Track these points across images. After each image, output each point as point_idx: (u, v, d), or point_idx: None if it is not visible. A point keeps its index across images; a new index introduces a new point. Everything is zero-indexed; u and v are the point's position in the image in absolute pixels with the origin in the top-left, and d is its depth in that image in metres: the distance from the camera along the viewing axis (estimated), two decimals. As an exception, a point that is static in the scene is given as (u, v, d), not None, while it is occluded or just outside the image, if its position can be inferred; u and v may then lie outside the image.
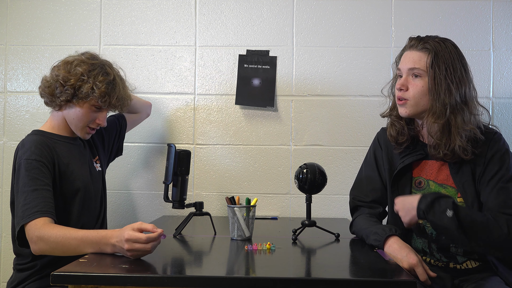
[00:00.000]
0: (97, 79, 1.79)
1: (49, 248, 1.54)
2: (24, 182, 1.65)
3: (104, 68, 1.84)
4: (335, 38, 2.43)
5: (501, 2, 2.39)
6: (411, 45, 1.71)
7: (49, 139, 1.81)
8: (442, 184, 1.70)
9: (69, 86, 1.78)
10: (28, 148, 1.72)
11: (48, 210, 1.61)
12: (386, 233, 1.58)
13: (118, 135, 2.19)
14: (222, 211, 2.44)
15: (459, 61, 1.65)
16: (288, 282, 1.26)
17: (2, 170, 2.49)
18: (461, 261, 1.69)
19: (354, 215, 1.84)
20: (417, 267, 1.47)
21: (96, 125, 1.87)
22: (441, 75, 1.62)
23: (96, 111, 1.84)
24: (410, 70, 1.68)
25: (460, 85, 1.62)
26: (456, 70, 1.63)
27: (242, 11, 2.46)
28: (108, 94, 1.81)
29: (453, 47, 1.68)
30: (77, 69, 1.79)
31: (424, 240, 1.74)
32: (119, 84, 1.87)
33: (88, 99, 1.79)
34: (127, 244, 1.40)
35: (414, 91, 1.67)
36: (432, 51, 1.65)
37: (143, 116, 2.33)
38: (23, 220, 1.58)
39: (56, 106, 1.83)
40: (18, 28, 2.50)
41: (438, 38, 1.70)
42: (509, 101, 2.39)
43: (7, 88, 2.51)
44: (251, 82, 2.42)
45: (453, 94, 1.61)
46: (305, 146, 2.43)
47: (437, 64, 1.63)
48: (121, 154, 2.25)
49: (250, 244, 1.65)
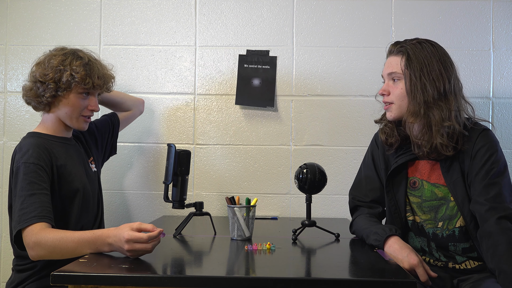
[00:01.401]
0: (73, 65, 1.80)
1: (47, 253, 1.54)
2: (22, 186, 1.64)
3: (76, 54, 1.85)
4: (335, 38, 2.43)
5: (501, 2, 2.39)
6: (389, 51, 1.75)
7: (46, 141, 1.80)
8: (434, 183, 1.71)
9: (49, 80, 1.78)
10: (26, 151, 1.71)
11: (45, 215, 1.60)
12: (386, 233, 1.59)
13: (111, 133, 2.19)
14: (222, 211, 2.43)
15: (437, 59, 1.65)
16: (288, 282, 1.26)
17: (2, 170, 2.49)
18: (460, 261, 1.69)
19: (354, 215, 1.85)
20: (418, 267, 1.48)
21: (89, 112, 1.87)
22: (416, 75, 1.64)
23: (85, 98, 1.84)
24: (389, 75, 1.72)
25: (438, 82, 1.63)
26: (432, 68, 1.64)
27: (242, 11, 2.46)
28: (88, 75, 1.81)
29: (431, 45, 1.68)
30: (51, 63, 1.80)
31: (423, 238, 1.74)
32: (96, 63, 1.88)
33: (71, 87, 1.79)
34: (127, 245, 1.40)
35: (395, 94, 1.70)
36: (406, 53, 1.67)
37: (136, 113, 2.32)
38: (20, 225, 1.57)
39: (45, 106, 1.83)
40: (18, 28, 2.50)
41: (417, 40, 1.71)
42: (509, 101, 2.39)
43: (7, 88, 2.50)
44: (251, 82, 2.42)
45: (429, 92, 1.62)
46: (305, 146, 2.43)
47: (411, 65, 1.65)
48: (115, 153, 2.24)
49: (250, 244, 1.65)
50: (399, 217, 1.75)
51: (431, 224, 1.71)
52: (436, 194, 1.71)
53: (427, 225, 1.72)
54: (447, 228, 1.69)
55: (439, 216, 1.70)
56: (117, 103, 2.22)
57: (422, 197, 1.73)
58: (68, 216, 1.80)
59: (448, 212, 1.69)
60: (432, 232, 1.71)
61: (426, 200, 1.72)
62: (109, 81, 1.93)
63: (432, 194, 1.71)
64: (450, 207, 1.68)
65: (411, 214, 1.75)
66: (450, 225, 1.68)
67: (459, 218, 1.67)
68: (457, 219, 1.68)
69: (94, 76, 1.82)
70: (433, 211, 1.71)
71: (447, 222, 1.69)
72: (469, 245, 1.68)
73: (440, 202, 1.70)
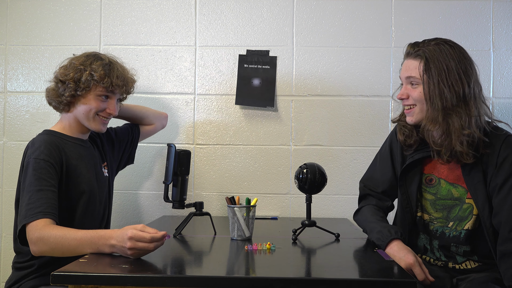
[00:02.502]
0: (93, 65, 1.83)
1: (49, 249, 1.54)
2: (30, 181, 1.66)
3: (97, 55, 1.89)
4: (335, 38, 2.43)
5: (501, 2, 2.39)
6: (407, 52, 1.71)
7: (59, 139, 1.82)
8: (453, 183, 1.70)
9: (69, 80, 1.81)
10: (38, 147, 1.73)
11: (51, 211, 1.61)
12: (391, 236, 1.59)
13: (131, 143, 2.19)
14: (222, 211, 2.43)
15: (456, 62, 1.61)
16: (288, 282, 1.26)
17: (2, 170, 2.49)
18: (460, 261, 1.70)
19: (361, 203, 1.85)
20: (414, 267, 1.49)
21: (107, 114, 1.88)
22: (434, 80, 1.60)
23: (104, 101, 1.86)
24: (407, 79, 1.69)
25: (457, 87, 1.59)
26: (451, 72, 1.60)
27: (242, 11, 2.46)
28: (107, 75, 1.83)
29: (450, 47, 1.64)
30: (72, 64, 1.85)
31: (426, 236, 1.75)
32: (116, 64, 1.90)
33: (90, 87, 1.82)
34: (129, 242, 1.40)
35: (414, 99, 1.67)
36: (424, 57, 1.63)
37: (158, 127, 2.30)
38: (25, 220, 1.59)
39: (65, 106, 1.85)
40: (18, 28, 2.50)
41: (436, 41, 1.66)
42: (509, 101, 2.39)
43: (7, 88, 2.51)
44: (251, 82, 2.42)
45: (447, 97, 1.59)
46: (305, 146, 2.43)
47: (429, 69, 1.61)
48: (132, 162, 2.25)
49: (250, 244, 1.65)
50: (410, 212, 1.75)
51: (441, 222, 1.71)
52: (452, 193, 1.70)
53: (436, 223, 1.72)
54: (456, 229, 1.69)
55: (452, 216, 1.70)
56: (139, 118, 2.21)
57: (437, 195, 1.72)
58: (72, 217, 1.81)
59: (461, 213, 1.68)
60: (440, 231, 1.71)
61: (441, 199, 1.71)
62: (130, 83, 1.94)
63: (448, 193, 1.70)
64: (463, 208, 1.68)
65: (420, 210, 1.75)
66: (459, 226, 1.68)
67: (469, 220, 1.67)
68: (467, 221, 1.67)
69: (113, 76, 1.84)
70: (446, 210, 1.71)
71: (457, 223, 1.69)
72: (470, 248, 1.68)
73: (455, 202, 1.70)
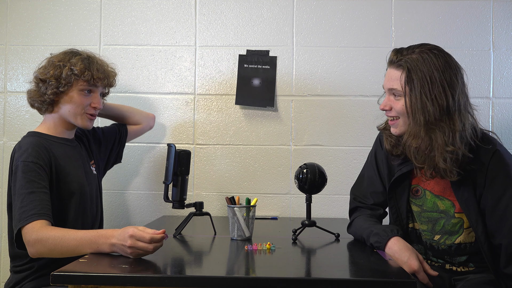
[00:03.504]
0: (72, 60, 1.84)
1: (47, 250, 1.54)
2: (21, 184, 1.65)
3: (74, 51, 1.90)
4: (335, 38, 2.43)
5: (501, 2, 2.39)
6: (390, 60, 1.60)
7: (45, 141, 1.81)
8: (438, 195, 1.66)
9: (49, 77, 1.81)
10: (25, 150, 1.72)
11: (45, 212, 1.61)
12: (388, 235, 1.56)
13: (118, 142, 2.19)
14: (222, 211, 2.43)
15: (440, 72, 1.50)
16: (288, 282, 1.26)
17: (2, 170, 2.49)
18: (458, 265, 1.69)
19: (353, 216, 1.82)
20: (419, 273, 1.46)
21: (93, 110, 1.88)
22: (416, 93, 1.51)
23: (87, 95, 1.86)
24: (389, 90, 1.60)
25: (440, 99, 1.49)
26: (434, 83, 1.50)
27: (242, 11, 2.46)
28: (87, 68, 1.83)
29: (434, 56, 1.52)
30: (51, 61, 1.85)
31: (420, 246, 1.73)
32: (95, 59, 1.91)
33: (72, 82, 1.82)
34: (130, 240, 1.40)
35: (397, 110, 1.59)
36: (406, 68, 1.53)
37: (145, 128, 2.31)
38: (20, 223, 1.58)
39: (49, 106, 1.85)
40: (18, 28, 2.50)
41: (420, 48, 1.55)
42: (509, 101, 2.39)
43: (7, 88, 2.50)
44: (251, 82, 2.42)
45: (430, 111, 1.50)
46: (305, 146, 2.43)
47: (411, 81, 1.52)
48: (119, 161, 2.25)
49: (250, 244, 1.64)
50: (400, 223, 1.72)
51: (427, 235, 1.69)
52: (438, 206, 1.66)
53: (424, 235, 1.70)
54: (444, 242, 1.66)
55: (437, 229, 1.66)
56: (125, 117, 2.22)
57: (422, 207, 1.68)
58: (66, 217, 1.80)
59: (449, 227, 1.64)
60: (429, 244, 1.69)
61: (427, 211, 1.67)
62: (111, 76, 1.94)
63: (434, 205, 1.66)
64: (452, 223, 1.64)
65: (411, 221, 1.73)
66: (448, 240, 1.65)
67: (461, 235, 1.64)
68: (458, 236, 1.64)
69: (93, 69, 1.85)
70: (431, 223, 1.67)
71: (445, 237, 1.66)
72: (464, 259, 1.66)
73: (440, 215, 1.66)
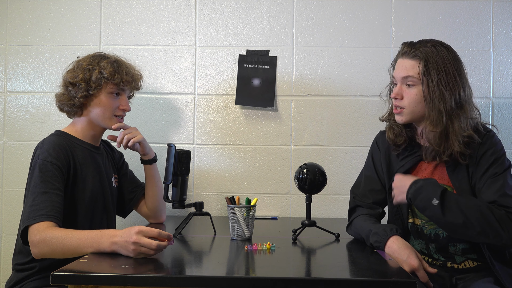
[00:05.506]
0: (101, 63, 1.87)
1: (50, 250, 1.54)
2: (36, 183, 1.66)
3: (103, 54, 1.93)
4: (335, 38, 2.43)
5: (501, 2, 2.39)
6: (403, 52, 1.70)
7: (69, 142, 1.83)
8: None
9: (79, 81, 1.84)
10: (46, 149, 1.73)
11: (54, 214, 1.61)
12: (387, 234, 1.58)
13: (128, 194, 2.10)
14: (222, 211, 2.43)
15: (452, 64, 1.63)
16: (288, 282, 1.26)
17: (2, 170, 2.49)
18: (459, 261, 1.69)
19: (352, 216, 1.83)
20: (418, 270, 1.47)
21: (121, 112, 1.92)
22: (433, 83, 1.61)
23: (115, 98, 1.89)
24: (403, 79, 1.68)
25: (454, 90, 1.62)
26: (449, 74, 1.62)
27: (242, 11, 2.46)
28: (116, 71, 1.87)
29: (446, 50, 1.65)
30: (79, 65, 1.88)
31: (421, 241, 1.74)
32: (122, 61, 1.95)
33: (101, 85, 1.85)
34: (135, 236, 1.41)
35: (409, 100, 1.67)
36: (423, 58, 1.63)
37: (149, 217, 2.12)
38: (28, 221, 1.59)
39: (78, 109, 1.87)
40: (18, 28, 2.50)
41: (431, 42, 1.67)
42: (509, 101, 2.39)
43: (7, 88, 2.50)
44: (251, 82, 2.42)
45: (447, 100, 1.61)
46: (305, 146, 2.43)
47: (429, 71, 1.62)
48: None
49: (250, 244, 1.64)
50: (401, 219, 1.74)
51: (433, 225, 1.70)
52: None
53: (428, 226, 1.71)
54: None
55: None
56: (149, 185, 2.09)
57: None
58: (74, 222, 1.80)
59: None
60: (434, 233, 1.70)
61: None
62: (137, 79, 1.98)
63: None
64: None
65: (411, 216, 1.75)
66: None
67: None
68: None
69: (122, 72, 1.88)
70: None
71: None
72: (469, 245, 1.68)
73: None
